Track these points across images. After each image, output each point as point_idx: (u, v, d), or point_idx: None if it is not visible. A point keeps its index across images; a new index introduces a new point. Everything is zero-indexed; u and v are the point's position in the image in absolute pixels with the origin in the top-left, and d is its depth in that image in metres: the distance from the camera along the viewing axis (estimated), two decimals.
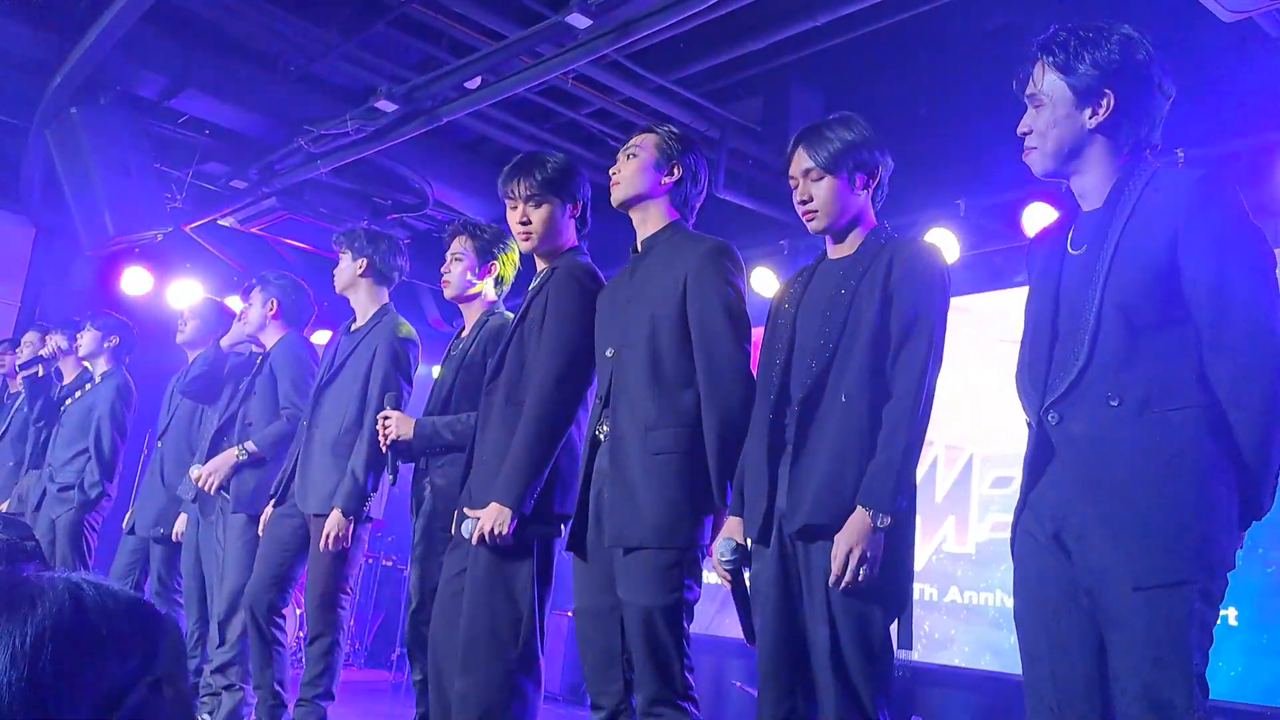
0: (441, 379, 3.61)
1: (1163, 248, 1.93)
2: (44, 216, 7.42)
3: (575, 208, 3.17)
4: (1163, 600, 1.82)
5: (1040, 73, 2.11)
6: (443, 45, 5.55)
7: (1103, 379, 1.95)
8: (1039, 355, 2.08)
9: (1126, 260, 1.96)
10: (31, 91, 5.74)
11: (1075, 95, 2.06)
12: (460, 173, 6.82)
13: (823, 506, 2.31)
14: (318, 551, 3.73)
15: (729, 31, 5.22)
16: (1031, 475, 2.06)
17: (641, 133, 2.94)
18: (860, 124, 2.55)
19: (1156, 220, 1.96)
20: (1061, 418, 2.00)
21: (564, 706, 6.81)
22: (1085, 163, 2.10)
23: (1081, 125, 2.07)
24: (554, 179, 3.10)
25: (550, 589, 3.03)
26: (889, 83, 5.77)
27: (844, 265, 2.51)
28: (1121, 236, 1.99)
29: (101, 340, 5.47)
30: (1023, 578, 2.09)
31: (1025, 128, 2.14)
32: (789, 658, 2.37)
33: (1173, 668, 1.81)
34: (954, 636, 5.78)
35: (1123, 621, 1.86)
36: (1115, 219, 2.02)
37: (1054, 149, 2.10)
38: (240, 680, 4.22)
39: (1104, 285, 1.97)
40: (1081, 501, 1.95)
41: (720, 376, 2.64)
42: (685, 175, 2.89)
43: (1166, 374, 1.92)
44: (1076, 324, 2.01)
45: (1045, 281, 2.14)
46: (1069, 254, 2.12)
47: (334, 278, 4.10)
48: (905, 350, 2.36)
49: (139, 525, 4.95)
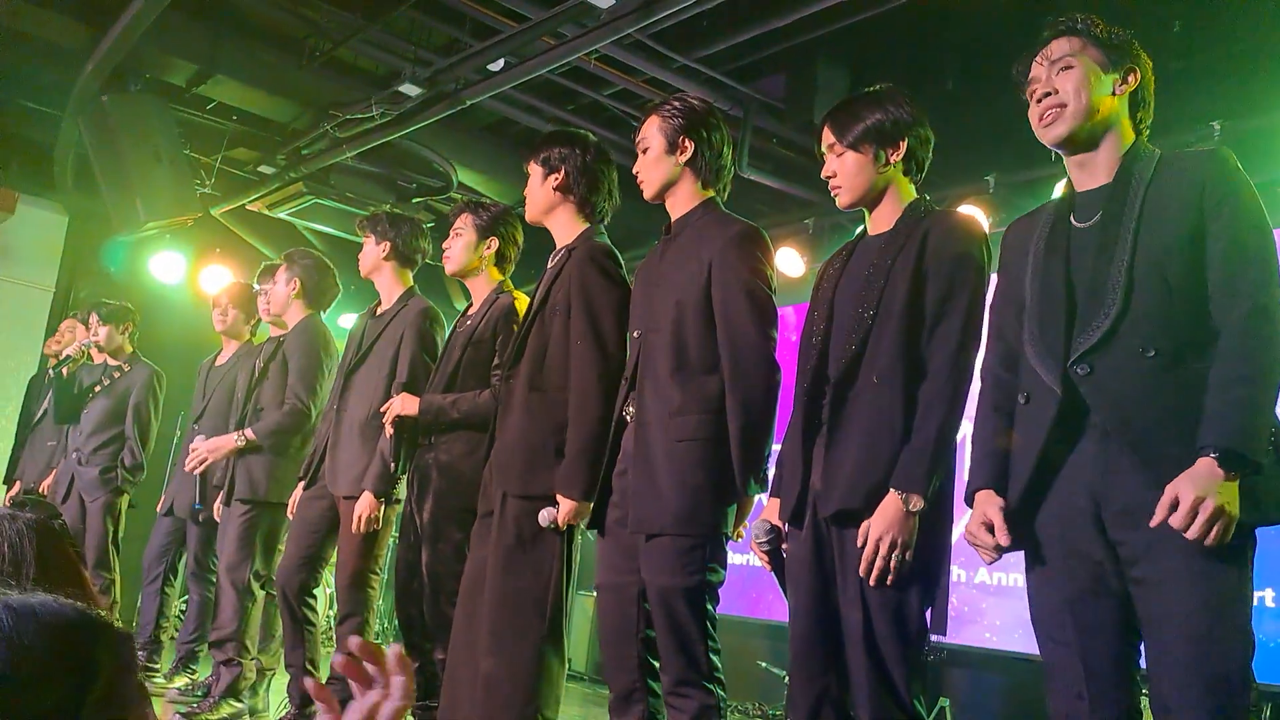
0: (447, 356, 3.62)
1: (1191, 212, 1.95)
2: (77, 203, 7.51)
3: (558, 176, 3.17)
4: (1215, 569, 1.81)
5: (1071, 43, 2.10)
6: (465, 28, 5.55)
7: (1137, 330, 1.93)
8: (1052, 320, 2.04)
9: (1156, 223, 1.96)
10: (63, 80, 5.82)
11: (1108, 60, 2.08)
12: (484, 155, 6.84)
13: (855, 490, 2.27)
14: (348, 532, 3.77)
15: (752, 8, 5.18)
16: (1057, 441, 2.01)
17: (644, 120, 2.89)
18: (893, 98, 2.48)
19: (1182, 189, 1.97)
20: (1092, 368, 1.96)
21: (588, 685, 6.86)
22: (1103, 132, 2.09)
23: (1110, 91, 2.08)
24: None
25: (575, 568, 3.06)
26: (916, 58, 5.71)
27: (880, 242, 2.44)
28: (1143, 204, 1.99)
29: (117, 330, 5.56)
30: (1044, 561, 2.04)
31: (1049, 86, 2.09)
32: (822, 640, 2.34)
33: (1224, 639, 1.81)
34: (985, 614, 5.76)
35: (1177, 591, 1.83)
36: (1133, 190, 2.01)
37: (1085, 107, 2.07)
38: (237, 655, 4.30)
39: (1133, 245, 1.96)
40: (1121, 467, 1.92)
41: (743, 362, 2.62)
42: (698, 146, 2.83)
43: (1196, 330, 1.91)
44: (1100, 284, 1.98)
45: (1052, 254, 2.10)
46: (1075, 227, 2.10)
47: (358, 261, 4.13)
48: (940, 328, 2.29)
49: (177, 506, 5.03)
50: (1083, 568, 1.97)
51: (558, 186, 3.16)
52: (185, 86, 6.02)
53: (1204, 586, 1.81)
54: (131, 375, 5.50)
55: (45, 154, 7.02)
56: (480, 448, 3.28)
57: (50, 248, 7.86)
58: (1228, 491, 1.78)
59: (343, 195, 6.84)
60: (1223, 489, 1.78)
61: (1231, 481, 1.79)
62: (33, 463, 5.87)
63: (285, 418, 4.34)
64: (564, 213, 3.19)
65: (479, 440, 3.33)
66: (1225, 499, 1.77)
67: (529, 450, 2.96)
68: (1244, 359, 1.85)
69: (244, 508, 4.33)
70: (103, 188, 5.98)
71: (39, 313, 7.75)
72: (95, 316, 5.56)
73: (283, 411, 4.35)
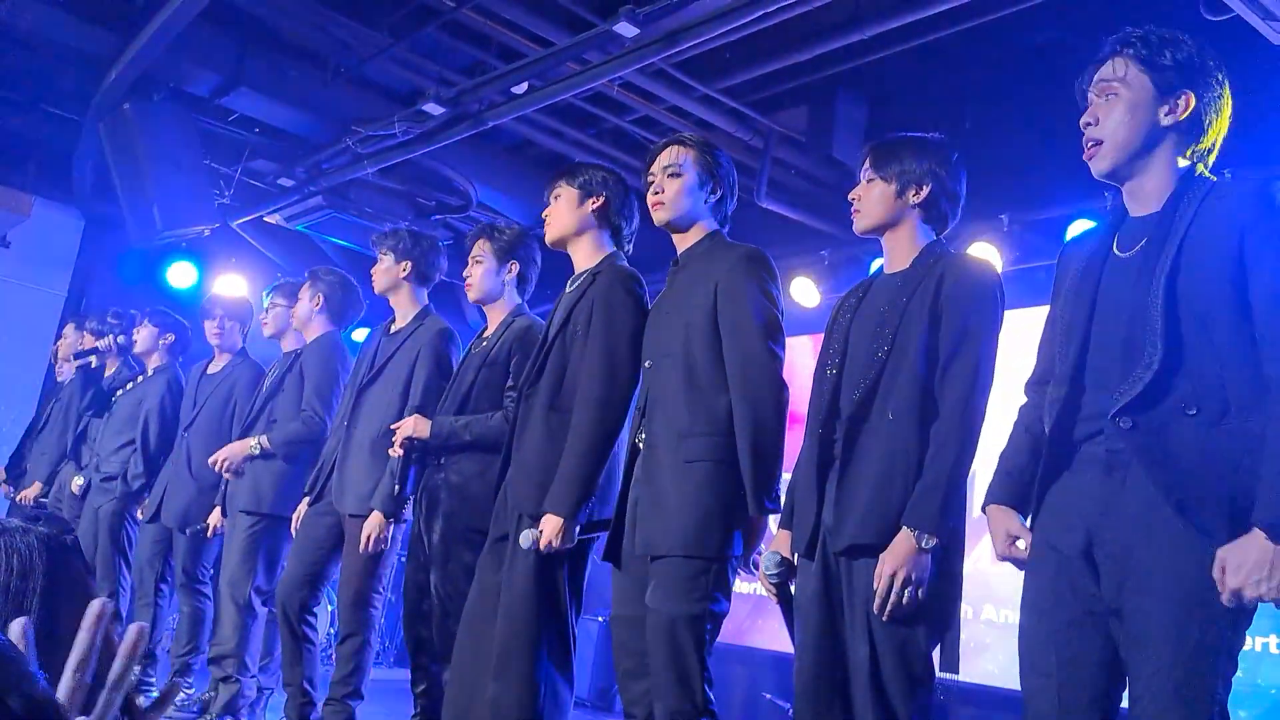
0: (460, 377, 3.61)
1: (1232, 252, 1.87)
2: (93, 209, 7.53)
3: (596, 199, 3.20)
4: (1206, 618, 1.79)
5: (1119, 66, 2.04)
6: (491, 50, 5.58)
7: (1178, 386, 1.86)
8: (1071, 356, 2.03)
9: (1196, 263, 1.89)
10: (85, 86, 5.83)
11: (1156, 89, 2.00)
12: (504, 176, 6.85)
13: (868, 526, 2.28)
14: (353, 551, 3.75)
15: (775, 42, 5.21)
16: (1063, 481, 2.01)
17: (675, 146, 2.91)
18: (937, 148, 2.54)
19: (1223, 225, 1.89)
20: (1135, 424, 1.88)
21: (592, 713, 6.80)
22: (1150, 164, 2.03)
23: (1155, 122, 2.00)
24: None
25: (582, 594, 3.04)
26: (935, 96, 5.73)
27: (897, 280, 2.49)
28: (1185, 239, 1.91)
29: (157, 337, 5.54)
30: (1036, 590, 2.05)
31: (1091, 118, 2.05)
32: (828, 675, 2.34)
33: (1200, 693, 1.79)
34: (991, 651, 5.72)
35: (1154, 641, 1.81)
36: (1176, 224, 1.94)
37: (1125, 141, 2.01)
38: (236, 672, 4.26)
39: (1167, 286, 1.88)
40: (1130, 511, 1.88)
41: (751, 378, 2.63)
42: (726, 190, 2.90)
43: (1242, 384, 1.84)
44: (1138, 326, 1.91)
45: (1084, 282, 2.07)
46: (1115, 255, 2.06)
47: (373, 278, 4.12)
48: (953, 367, 2.32)
49: (164, 515, 4.99)
50: (1075, 596, 1.97)
51: (595, 210, 3.18)
52: (208, 97, 6.03)
53: (1194, 632, 1.80)
54: (150, 381, 5.48)
55: (64, 159, 7.04)
56: (491, 468, 3.27)
57: (64, 252, 7.87)
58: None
59: (361, 210, 6.86)
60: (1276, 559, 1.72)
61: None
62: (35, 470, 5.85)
63: (301, 427, 4.33)
64: (592, 237, 3.20)
65: (490, 461, 3.32)
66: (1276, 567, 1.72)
67: (546, 471, 2.95)
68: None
69: (249, 520, 4.31)
70: (120, 195, 5.99)
71: (50, 317, 7.75)
72: (146, 318, 5.55)
73: (299, 421, 4.34)
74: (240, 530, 4.31)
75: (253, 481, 4.35)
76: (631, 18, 4.45)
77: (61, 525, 1.71)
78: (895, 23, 4.75)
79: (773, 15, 4.42)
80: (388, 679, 7.37)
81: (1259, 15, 3.61)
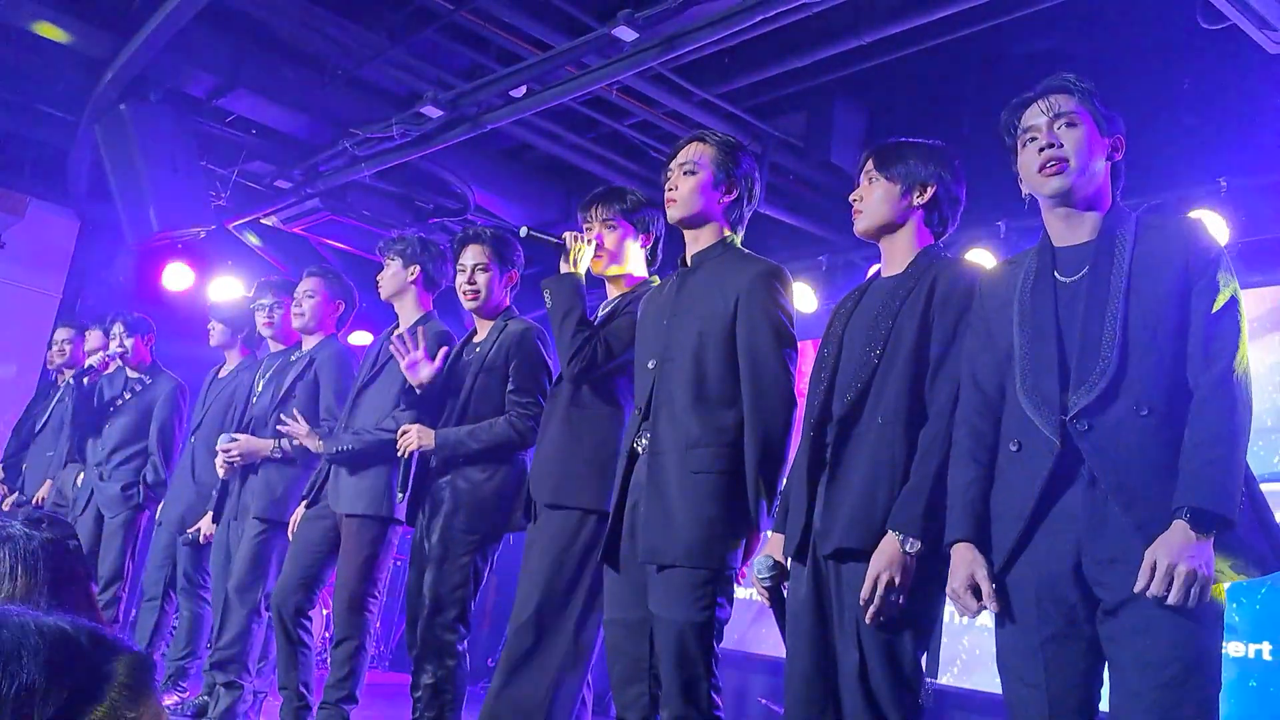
0: (455, 384, 3.61)
1: (1176, 274, 2.04)
2: (89, 209, 7.51)
3: (647, 239, 3.28)
4: (1188, 622, 1.88)
5: (1072, 100, 2.18)
6: (490, 53, 5.57)
7: (1132, 389, 2.00)
8: (1047, 372, 2.09)
9: (1144, 284, 2.05)
10: (81, 86, 5.82)
11: (1100, 127, 2.18)
12: (502, 179, 6.84)
13: (854, 530, 2.30)
14: (348, 554, 3.75)
15: (774, 47, 5.21)
16: (1050, 490, 2.04)
17: (695, 143, 2.90)
18: (941, 154, 2.56)
19: (1165, 253, 2.07)
20: (1091, 425, 2.00)
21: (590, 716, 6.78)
22: (1095, 195, 2.18)
23: (1104, 155, 2.19)
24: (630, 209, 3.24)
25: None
26: (933, 102, 5.74)
27: (891, 284, 2.50)
28: (1132, 261, 2.07)
29: (143, 342, 5.53)
30: (1019, 607, 2.08)
31: (1053, 139, 2.16)
32: (819, 679, 2.35)
33: (1195, 689, 1.87)
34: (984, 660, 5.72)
35: (1150, 640, 1.89)
36: (1118, 251, 2.09)
37: (1085, 168, 2.15)
38: (238, 676, 4.24)
39: (1125, 303, 2.04)
40: (1108, 517, 1.97)
41: (766, 398, 2.64)
42: (743, 192, 2.89)
43: (1183, 390, 1.99)
44: (1094, 339, 2.05)
45: (1040, 306, 2.16)
46: (1060, 281, 2.16)
47: (379, 285, 4.09)
48: (942, 372, 2.33)
49: (165, 521, 4.99)
50: (1057, 611, 2.02)
51: (646, 247, 3.30)
52: (205, 98, 6.02)
53: (1177, 637, 1.88)
54: (155, 388, 5.45)
55: (59, 159, 7.02)
56: (497, 473, 3.33)
57: (59, 253, 7.85)
58: (1202, 553, 1.85)
59: (358, 213, 6.85)
60: (1196, 551, 1.84)
61: (1205, 541, 1.86)
62: (32, 472, 5.83)
63: (325, 436, 4.28)
64: (634, 266, 3.30)
65: (494, 466, 3.38)
66: (1199, 561, 1.83)
67: (563, 462, 3.04)
68: (1214, 419, 1.93)
69: (260, 526, 4.27)
70: (116, 196, 5.97)
71: (44, 318, 7.73)
72: (121, 326, 5.51)
73: (323, 430, 4.24)
74: (250, 536, 4.28)
75: (267, 487, 4.31)
76: (630, 22, 4.45)
77: (65, 529, 1.70)
78: (894, 29, 4.75)
79: (771, 20, 4.43)
80: (382, 683, 7.35)
81: (1254, 24, 3.63)
